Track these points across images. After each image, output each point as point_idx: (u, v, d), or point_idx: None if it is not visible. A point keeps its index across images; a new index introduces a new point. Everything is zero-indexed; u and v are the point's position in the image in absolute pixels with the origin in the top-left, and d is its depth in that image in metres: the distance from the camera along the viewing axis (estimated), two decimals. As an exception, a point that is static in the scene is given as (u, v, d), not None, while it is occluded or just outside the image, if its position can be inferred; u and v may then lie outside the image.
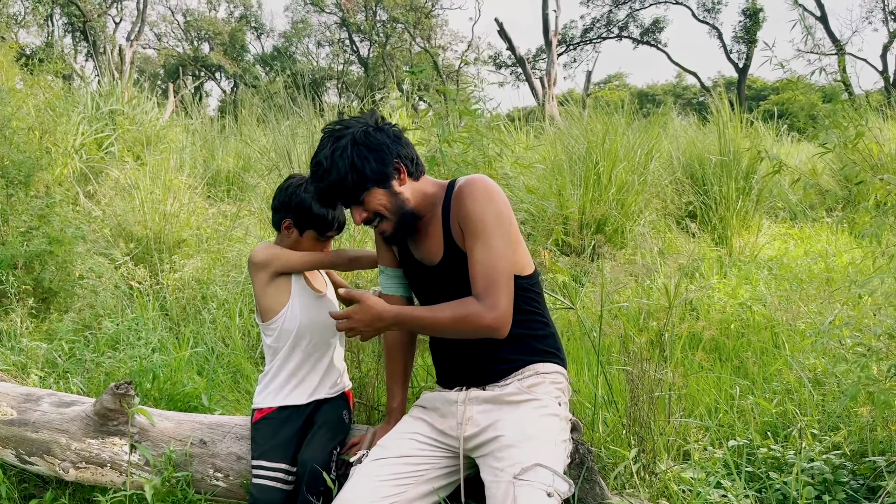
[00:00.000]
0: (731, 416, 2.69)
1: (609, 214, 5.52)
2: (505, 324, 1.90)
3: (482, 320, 1.87)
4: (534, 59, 32.70)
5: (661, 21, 32.88)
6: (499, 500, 1.77)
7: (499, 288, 1.88)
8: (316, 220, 2.27)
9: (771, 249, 5.91)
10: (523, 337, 2.03)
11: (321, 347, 2.33)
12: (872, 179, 2.27)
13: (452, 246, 1.99)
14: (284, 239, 2.35)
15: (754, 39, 30.04)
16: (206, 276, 4.72)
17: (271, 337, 2.31)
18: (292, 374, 2.30)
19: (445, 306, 1.91)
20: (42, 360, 3.34)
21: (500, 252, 1.90)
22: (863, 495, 2.12)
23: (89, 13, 27.98)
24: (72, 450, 2.36)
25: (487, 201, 1.92)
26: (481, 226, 1.90)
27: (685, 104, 30.11)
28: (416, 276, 2.12)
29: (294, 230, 2.30)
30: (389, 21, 33.89)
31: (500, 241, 1.91)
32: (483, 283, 1.89)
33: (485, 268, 1.89)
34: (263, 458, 2.16)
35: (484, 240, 1.90)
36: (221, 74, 36.47)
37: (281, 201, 2.32)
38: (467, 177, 2.00)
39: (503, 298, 1.89)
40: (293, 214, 2.28)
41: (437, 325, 1.94)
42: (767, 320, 3.63)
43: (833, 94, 2.36)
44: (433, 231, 2.04)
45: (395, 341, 2.24)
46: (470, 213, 1.91)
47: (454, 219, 1.97)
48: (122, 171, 6.23)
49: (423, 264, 2.08)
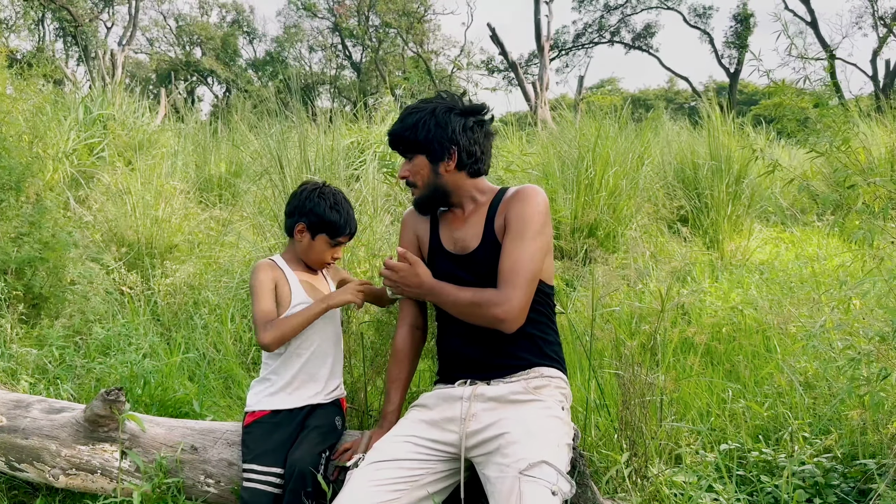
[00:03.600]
0: (722, 420, 2.70)
1: (601, 219, 5.53)
2: (514, 319, 1.99)
3: (493, 308, 1.98)
4: (526, 63, 32.83)
5: (652, 26, 33.05)
6: (504, 494, 1.78)
7: (519, 284, 1.99)
8: (328, 224, 2.32)
9: (762, 253, 5.92)
10: (535, 338, 2.10)
11: (321, 356, 2.33)
12: (863, 183, 2.28)
13: (491, 239, 2.10)
14: (296, 244, 2.37)
15: (745, 44, 30.20)
16: (197, 282, 4.70)
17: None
18: (289, 383, 2.28)
19: (469, 289, 2.04)
20: (32, 367, 3.32)
21: (532, 255, 2.01)
22: (853, 498, 2.13)
23: (80, 18, 27.88)
24: (62, 456, 2.35)
25: (539, 210, 2.05)
26: (526, 227, 2.03)
27: (677, 109, 30.25)
28: (442, 265, 2.18)
29: (307, 234, 2.34)
30: (382, 26, 33.93)
31: (535, 245, 2.03)
32: (506, 275, 2.00)
33: (513, 262, 2.00)
34: (255, 462, 2.15)
35: (522, 239, 2.02)
36: (213, 79, 36.43)
37: (294, 206, 2.36)
38: (527, 185, 2.15)
39: (520, 295, 1.98)
40: (306, 218, 2.32)
41: (458, 303, 2.05)
42: (759, 324, 3.64)
43: (823, 99, 2.37)
44: (475, 221, 2.15)
45: (405, 345, 2.27)
46: (520, 214, 2.04)
47: (500, 215, 2.09)
48: (114, 176, 6.20)
49: (452, 254, 2.17)
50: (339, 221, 2.32)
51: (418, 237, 2.29)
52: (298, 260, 2.39)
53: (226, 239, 5.49)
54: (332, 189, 2.38)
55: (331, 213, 2.31)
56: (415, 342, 2.29)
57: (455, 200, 2.19)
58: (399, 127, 2.14)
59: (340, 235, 2.35)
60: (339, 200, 2.36)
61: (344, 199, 2.38)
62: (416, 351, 2.30)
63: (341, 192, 2.40)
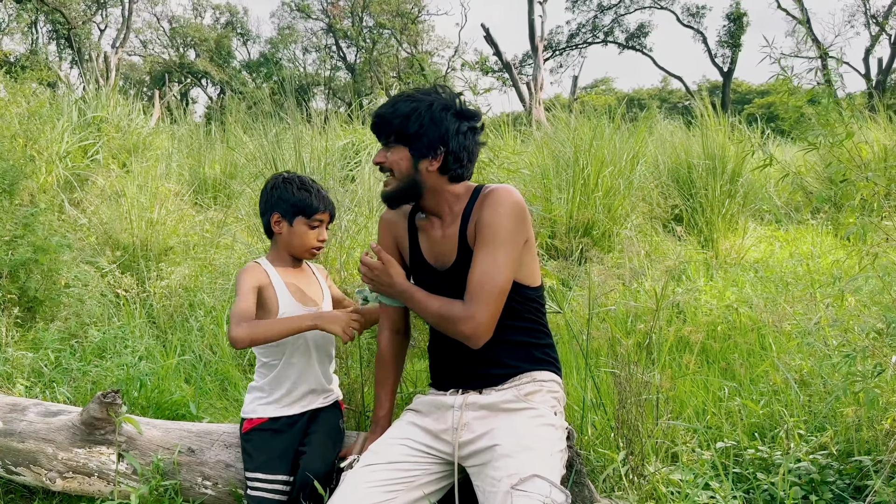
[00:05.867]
0: (718, 418, 2.70)
1: (596, 218, 5.54)
2: (480, 335, 1.93)
3: (458, 325, 1.92)
4: (520, 64, 32.83)
5: (645, 26, 33.15)
6: None
7: (486, 300, 1.90)
8: (300, 204, 2.28)
9: (757, 252, 5.94)
10: (524, 344, 2.05)
11: (316, 362, 2.30)
12: (858, 178, 2.29)
13: (466, 249, 2.00)
14: (278, 240, 2.33)
15: (738, 44, 30.31)
16: (193, 284, 4.69)
17: (261, 350, 2.29)
18: (288, 391, 2.25)
19: (438, 298, 1.98)
20: (28, 370, 3.31)
21: (502, 266, 1.92)
22: (849, 495, 2.13)
23: (74, 20, 27.82)
24: (58, 459, 2.34)
25: (508, 214, 1.94)
26: (494, 235, 1.92)
27: (671, 108, 30.28)
28: (426, 279, 2.10)
29: (284, 222, 2.30)
30: (376, 27, 33.95)
31: (506, 255, 1.93)
32: (473, 291, 1.92)
33: (481, 276, 1.92)
34: (260, 470, 2.13)
35: (491, 249, 1.92)
36: (208, 81, 36.36)
37: (264, 202, 2.35)
38: (496, 185, 2.02)
39: (485, 311, 1.91)
40: (278, 207, 2.29)
41: (427, 311, 1.99)
42: (754, 322, 3.65)
43: (819, 97, 2.38)
44: (450, 234, 2.05)
45: (388, 350, 2.24)
46: (488, 221, 1.93)
47: (472, 221, 1.99)
48: (108, 178, 6.19)
49: (433, 268, 2.09)
50: (309, 199, 2.28)
51: (398, 243, 2.20)
52: (285, 258, 2.34)
53: (221, 241, 5.48)
54: (295, 174, 2.36)
55: (300, 193, 2.28)
56: (397, 347, 2.25)
57: (430, 204, 2.06)
58: (390, 112, 1.99)
59: (316, 212, 2.29)
60: (306, 181, 2.33)
61: (311, 180, 2.35)
62: (399, 355, 2.26)
63: (308, 176, 2.38)
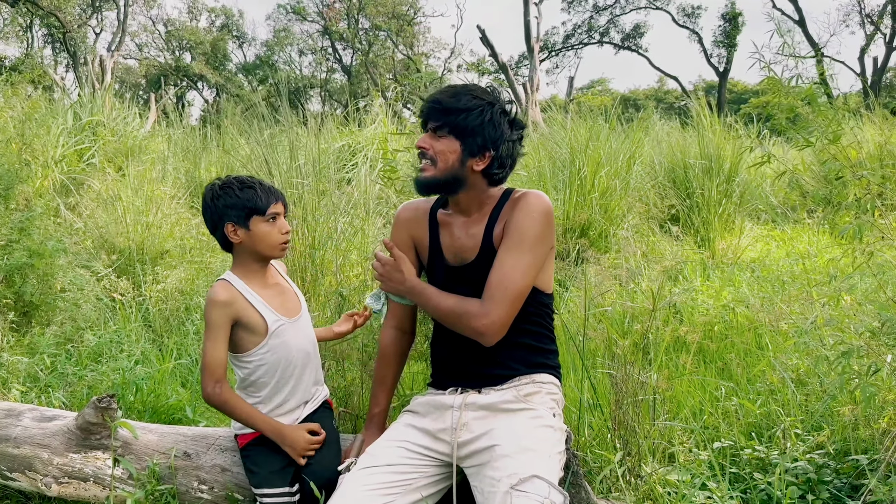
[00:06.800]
0: (715, 418, 2.70)
1: (593, 219, 5.55)
2: (494, 334, 1.94)
3: (473, 321, 1.93)
4: (516, 65, 32.89)
5: (641, 26, 33.17)
6: None
7: (504, 299, 1.92)
8: (249, 203, 2.14)
9: (753, 251, 5.96)
10: (531, 348, 2.06)
11: (302, 371, 2.25)
12: (853, 177, 2.29)
13: (489, 248, 2.02)
14: (240, 251, 2.21)
15: (734, 44, 30.36)
16: (189, 287, 4.69)
17: (245, 370, 2.20)
18: (279, 406, 2.21)
19: (452, 296, 1.99)
20: (23, 375, 3.30)
21: (525, 270, 1.94)
22: (846, 494, 2.14)
23: (69, 24, 27.77)
24: (54, 465, 2.34)
25: (538, 219, 1.96)
26: (522, 238, 1.95)
27: (667, 108, 30.32)
28: (440, 276, 2.11)
29: (239, 229, 2.15)
30: (372, 29, 33.94)
31: (530, 260, 1.95)
32: (493, 289, 1.94)
33: (502, 276, 1.93)
34: (265, 485, 2.11)
35: (517, 252, 1.94)
36: (203, 84, 36.35)
37: (210, 217, 2.20)
38: (529, 190, 2.05)
39: (503, 311, 1.92)
40: (228, 216, 2.15)
41: (438, 309, 2.00)
42: (750, 322, 3.65)
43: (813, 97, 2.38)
44: (474, 232, 2.06)
45: (391, 348, 2.25)
46: (518, 224, 1.96)
47: (500, 222, 2.02)
48: (104, 182, 6.18)
49: (447, 264, 2.10)
50: (256, 195, 2.14)
51: (415, 241, 2.18)
52: (251, 266, 2.22)
53: (216, 244, 5.47)
54: (230, 176, 2.23)
55: (244, 192, 2.14)
56: (400, 344, 2.26)
57: (462, 200, 2.06)
58: (451, 102, 1.96)
59: (269, 206, 2.16)
60: (244, 180, 2.19)
61: (249, 177, 2.23)
62: (401, 353, 2.27)
63: (243, 175, 2.25)
